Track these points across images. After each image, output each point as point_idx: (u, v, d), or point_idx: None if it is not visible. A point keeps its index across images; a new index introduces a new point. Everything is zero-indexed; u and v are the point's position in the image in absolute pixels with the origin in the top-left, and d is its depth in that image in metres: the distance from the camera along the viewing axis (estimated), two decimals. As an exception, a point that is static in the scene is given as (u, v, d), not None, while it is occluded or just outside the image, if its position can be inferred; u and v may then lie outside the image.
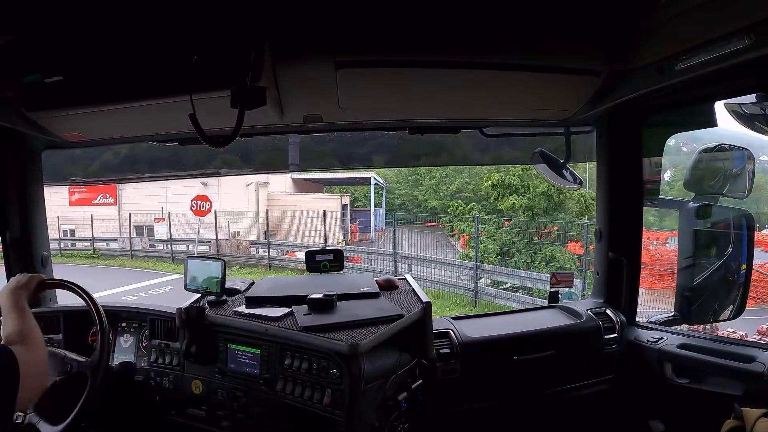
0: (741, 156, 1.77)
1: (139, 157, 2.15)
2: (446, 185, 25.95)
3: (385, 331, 1.42)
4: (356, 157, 2.28)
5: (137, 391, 1.71)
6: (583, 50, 1.36)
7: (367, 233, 19.37)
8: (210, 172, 2.43)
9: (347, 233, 17.17)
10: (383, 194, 24.09)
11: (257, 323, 1.50)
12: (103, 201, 17.26)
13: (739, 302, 1.81)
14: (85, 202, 17.11)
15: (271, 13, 1.14)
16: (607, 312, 1.92)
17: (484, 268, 10.13)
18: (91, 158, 2.16)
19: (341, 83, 1.40)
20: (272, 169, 4.62)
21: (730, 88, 1.46)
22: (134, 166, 2.20)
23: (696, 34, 1.16)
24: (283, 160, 2.16)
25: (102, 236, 15.72)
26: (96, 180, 2.51)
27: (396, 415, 1.48)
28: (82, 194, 17.10)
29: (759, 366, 1.52)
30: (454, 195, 25.26)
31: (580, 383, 1.86)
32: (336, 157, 2.27)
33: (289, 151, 2.10)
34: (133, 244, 15.12)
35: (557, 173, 1.99)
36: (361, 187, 24.48)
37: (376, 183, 22.16)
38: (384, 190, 24.23)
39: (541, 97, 1.64)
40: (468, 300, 9.73)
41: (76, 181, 2.37)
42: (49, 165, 1.95)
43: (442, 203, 25.00)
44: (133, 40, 1.16)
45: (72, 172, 2.21)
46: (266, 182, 18.26)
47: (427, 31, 1.24)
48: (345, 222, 17.51)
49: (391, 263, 11.40)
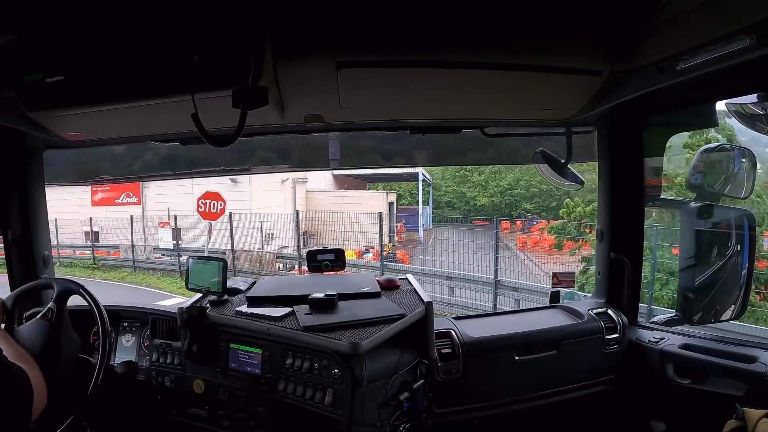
0: (742, 156, 1.77)
1: (171, 155, 2.10)
2: (496, 181, 24.90)
3: (387, 330, 1.42)
4: (399, 153, 2.22)
5: (139, 390, 1.71)
6: (584, 50, 1.36)
7: (414, 232, 17.99)
8: (242, 168, 2.35)
9: (394, 234, 15.28)
10: (430, 191, 22.77)
11: (259, 323, 1.50)
12: (126, 200, 15.77)
13: (740, 302, 1.81)
14: (108, 201, 15.84)
15: (272, 12, 1.15)
16: (609, 312, 1.92)
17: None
18: (114, 155, 2.11)
19: (342, 83, 1.40)
20: (310, 166, 4.44)
21: (731, 88, 1.46)
22: (166, 164, 2.15)
23: (697, 34, 1.16)
24: (321, 156, 2.11)
25: (116, 242, 13.92)
26: (119, 178, 2.47)
27: (397, 415, 1.48)
28: (105, 193, 15.93)
29: (761, 366, 1.52)
30: (505, 192, 24.51)
31: (582, 383, 1.86)
32: (378, 154, 2.21)
33: (329, 146, 2.06)
34: (137, 253, 13.27)
35: (558, 173, 1.99)
36: (405, 184, 23.11)
37: (424, 179, 20.61)
38: (431, 186, 22.91)
39: (542, 97, 1.64)
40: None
41: (103, 180, 2.34)
42: (79, 160, 1.93)
43: (492, 201, 24.14)
44: (135, 39, 1.17)
45: (98, 169, 2.17)
46: (304, 178, 16.41)
47: (428, 31, 1.25)
48: (392, 221, 15.41)
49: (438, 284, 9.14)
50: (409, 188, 23.27)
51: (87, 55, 1.18)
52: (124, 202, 15.67)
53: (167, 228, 12.78)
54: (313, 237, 12.72)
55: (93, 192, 15.81)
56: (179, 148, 1.93)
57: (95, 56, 1.18)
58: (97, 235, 15.01)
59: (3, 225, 1.81)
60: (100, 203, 15.84)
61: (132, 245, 13.48)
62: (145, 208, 15.36)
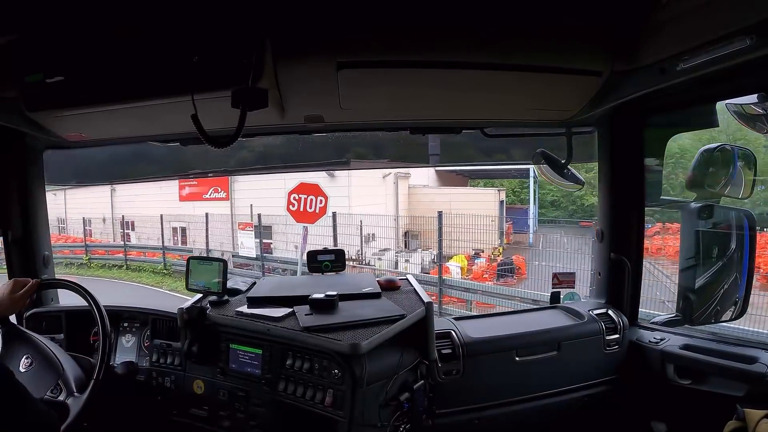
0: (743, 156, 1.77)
1: (267, 149, 2.05)
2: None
3: (387, 331, 1.41)
4: (499, 149, 2.16)
5: (139, 391, 1.71)
6: (584, 51, 1.36)
7: (523, 234, 15.62)
8: (339, 161, 2.26)
9: (504, 236, 13.31)
10: (536, 189, 20.27)
11: (259, 323, 1.50)
12: (214, 196, 14.32)
13: (741, 303, 1.81)
14: (196, 197, 14.38)
15: (272, 13, 1.15)
16: (609, 313, 1.92)
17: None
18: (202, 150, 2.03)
19: (342, 83, 1.40)
20: (408, 162, 4.15)
21: (731, 89, 1.45)
22: (262, 159, 2.10)
23: (697, 34, 1.16)
24: (420, 151, 2.06)
25: (203, 244, 12.16)
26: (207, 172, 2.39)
27: (398, 415, 1.48)
28: (193, 188, 14.55)
29: (761, 367, 1.52)
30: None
31: (582, 384, 1.86)
32: (480, 150, 2.15)
33: (429, 141, 2.03)
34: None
35: (559, 173, 1.99)
36: (507, 181, 21.00)
37: (534, 176, 17.82)
38: (537, 184, 20.29)
39: (542, 98, 1.64)
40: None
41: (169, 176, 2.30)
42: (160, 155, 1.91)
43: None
44: (135, 40, 1.16)
45: (193, 163, 2.10)
46: (407, 173, 14.41)
47: (429, 31, 1.25)
48: (502, 222, 13.70)
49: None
50: (512, 186, 21.21)
51: (87, 55, 1.18)
52: (211, 197, 14.33)
53: (249, 231, 10.46)
54: (415, 238, 11.17)
55: (180, 186, 14.68)
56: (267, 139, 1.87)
57: (95, 56, 1.18)
58: (184, 232, 13.97)
59: (3, 225, 1.81)
60: (187, 198, 14.61)
61: (207, 249, 11.61)
62: (233, 205, 13.76)
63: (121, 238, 14.91)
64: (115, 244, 14.56)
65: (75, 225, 16.07)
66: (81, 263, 13.82)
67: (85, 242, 14.75)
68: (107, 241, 15.50)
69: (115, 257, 13.68)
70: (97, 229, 16.70)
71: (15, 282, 1.50)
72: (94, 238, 16.05)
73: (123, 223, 14.91)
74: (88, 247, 14.38)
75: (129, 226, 15.33)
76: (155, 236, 13.63)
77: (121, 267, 13.25)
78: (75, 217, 16.35)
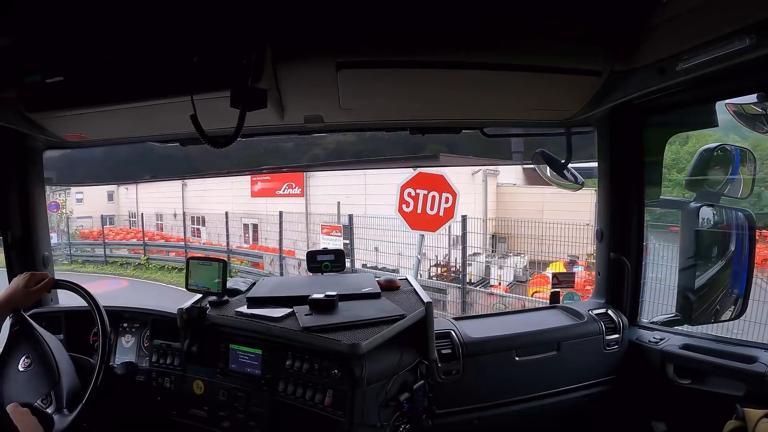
0: (742, 156, 1.78)
1: (339, 145, 1.98)
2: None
3: (387, 331, 1.41)
4: (582, 146, 2.06)
5: (139, 391, 1.71)
6: (583, 50, 1.36)
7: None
8: (428, 156, 2.17)
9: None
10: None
11: (259, 323, 1.50)
12: (287, 191, 13.31)
13: (740, 302, 1.81)
14: (268, 192, 13.57)
15: (272, 13, 1.14)
16: (609, 312, 1.92)
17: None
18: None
19: (342, 84, 1.40)
20: (494, 158, 3.90)
21: (731, 88, 1.46)
22: (336, 154, 2.04)
23: (697, 34, 1.16)
24: (503, 148, 2.01)
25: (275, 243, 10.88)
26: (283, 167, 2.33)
27: (397, 415, 1.48)
28: (265, 183, 13.77)
29: (761, 366, 1.52)
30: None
31: (582, 384, 1.86)
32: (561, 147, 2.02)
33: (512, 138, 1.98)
34: (289, 267, 9.36)
35: (558, 173, 1.99)
36: (592, 180, 20.26)
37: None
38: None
39: (541, 98, 1.64)
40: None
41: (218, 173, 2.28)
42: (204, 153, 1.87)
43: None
44: (134, 40, 1.17)
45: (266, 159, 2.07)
46: (496, 170, 13.13)
47: (428, 31, 1.25)
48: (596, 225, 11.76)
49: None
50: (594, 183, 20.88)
51: (86, 55, 1.18)
52: (285, 193, 13.33)
53: (336, 236, 8.30)
54: (502, 241, 9.91)
55: (252, 182, 13.96)
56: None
57: (95, 57, 1.18)
58: (256, 229, 12.99)
59: (3, 225, 1.81)
60: (259, 194, 13.81)
61: (281, 257, 9.90)
62: (308, 201, 12.60)
63: (192, 234, 14.47)
64: (175, 244, 13.99)
65: (146, 219, 16.04)
66: (138, 263, 13.34)
67: (144, 241, 14.02)
68: (172, 238, 14.83)
69: (176, 259, 12.82)
70: (168, 224, 16.53)
71: (31, 275, 1.48)
72: (165, 233, 15.75)
73: (185, 220, 14.39)
74: (147, 246, 13.63)
75: (200, 222, 14.96)
76: (225, 232, 12.81)
77: (181, 270, 12.20)
78: (147, 211, 16.37)
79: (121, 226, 17.77)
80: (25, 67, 1.19)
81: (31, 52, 1.19)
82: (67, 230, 15.66)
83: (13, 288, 1.44)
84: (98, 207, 18.08)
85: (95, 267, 13.96)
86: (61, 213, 15.76)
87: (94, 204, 18.39)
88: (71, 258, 14.58)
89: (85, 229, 16.46)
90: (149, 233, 15.18)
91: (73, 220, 17.07)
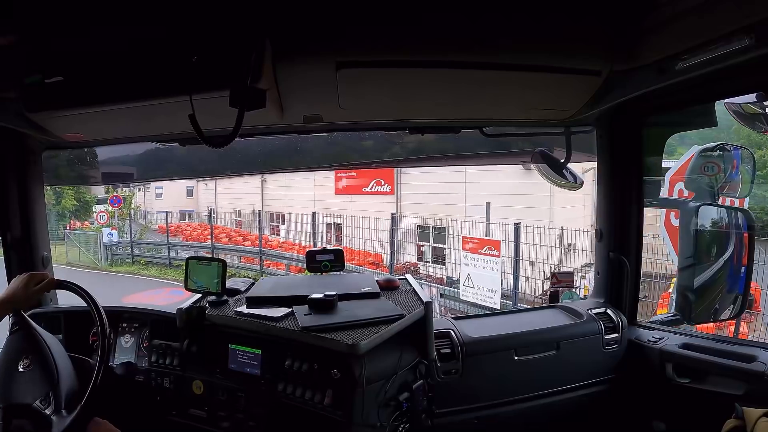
0: (741, 156, 1.78)
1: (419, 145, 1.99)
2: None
3: (386, 331, 1.42)
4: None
5: (138, 391, 1.71)
6: (583, 50, 1.36)
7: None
8: (524, 151, 2.15)
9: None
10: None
11: (258, 323, 1.50)
12: (376, 189, 12.30)
13: (740, 302, 1.81)
14: (354, 189, 12.73)
15: (271, 13, 1.14)
16: (608, 312, 1.92)
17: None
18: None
19: (342, 83, 1.40)
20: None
21: (730, 88, 1.46)
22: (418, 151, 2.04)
23: (696, 33, 1.16)
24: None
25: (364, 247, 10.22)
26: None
27: (397, 415, 1.48)
28: (351, 179, 12.86)
29: (760, 366, 1.52)
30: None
31: (581, 383, 1.86)
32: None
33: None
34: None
35: (558, 173, 1.99)
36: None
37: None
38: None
39: (541, 97, 1.64)
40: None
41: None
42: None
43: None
44: (134, 40, 1.16)
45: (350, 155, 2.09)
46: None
47: (428, 31, 1.25)
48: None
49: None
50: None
51: (86, 55, 1.18)
52: (373, 191, 12.32)
53: (493, 262, 6.56)
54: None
55: (337, 178, 13.18)
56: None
57: (94, 57, 1.18)
58: (339, 228, 12.31)
59: (2, 226, 1.81)
60: (344, 191, 13.04)
61: (392, 263, 8.85)
62: (399, 200, 11.33)
63: (271, 231, 13.97)
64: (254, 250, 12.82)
65: (224, 215, 16.19)
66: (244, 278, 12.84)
67: (261, 249, 12.21)
68: (251, 236, 14.10)
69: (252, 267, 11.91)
70: (246, 220, 16.37)
71: (31, 276, 1.47)
72: (243, 230, 15.49)
73: (261, 217, 13.41)
74: (264, 255, 11.94)
75: (279, 219, 14.59)
76: (307, 230, 12.09)
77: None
78: (226, 208, 16.38)
79: (200, 222, 17.60)
80: (24, 68, 1.19)
81: (31, 53, 1.19)
82: (129, 227, 15.14)
83: (13, 288, 1.44)
84: (178, 202, 18.37)
85: (158, 270, 13.11)
86: (122, 208, 15.21)
87: (174, 199, 18.71)
88: (133, 259, 14.00)
89: (162, 223, 16.15)
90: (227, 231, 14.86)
91: (152, 215, 17.10)
